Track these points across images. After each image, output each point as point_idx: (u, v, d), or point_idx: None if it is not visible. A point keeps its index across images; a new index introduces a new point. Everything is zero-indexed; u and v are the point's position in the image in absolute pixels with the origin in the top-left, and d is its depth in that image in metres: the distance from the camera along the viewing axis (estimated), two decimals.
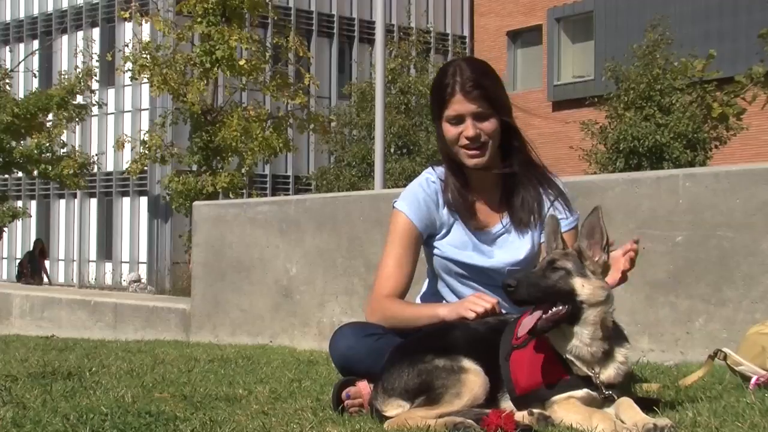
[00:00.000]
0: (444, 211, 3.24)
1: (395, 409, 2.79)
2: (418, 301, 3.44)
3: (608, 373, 2.73)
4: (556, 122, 27.25)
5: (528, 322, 2.71)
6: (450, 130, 3.18)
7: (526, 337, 2.75)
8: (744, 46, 19.60)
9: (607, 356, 2.74)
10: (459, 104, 3.14)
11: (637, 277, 4.98)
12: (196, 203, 8.17)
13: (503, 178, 3.25)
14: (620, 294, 4.81)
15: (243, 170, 20.76)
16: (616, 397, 2.71)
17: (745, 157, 21.73)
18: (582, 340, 2.71)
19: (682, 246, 4.86)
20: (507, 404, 2.77)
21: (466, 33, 34.78)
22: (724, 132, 18.92)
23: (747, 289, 4.62)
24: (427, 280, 3.43)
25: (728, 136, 19.32)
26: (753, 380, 3.39)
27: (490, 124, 3.15)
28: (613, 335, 2.77)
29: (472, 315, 2.93)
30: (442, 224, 3.24)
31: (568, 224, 3.20)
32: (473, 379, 2.74)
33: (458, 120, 3.15)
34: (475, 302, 2.97)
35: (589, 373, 2.70)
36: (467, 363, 2.77)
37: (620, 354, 2.78)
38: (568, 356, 2.72)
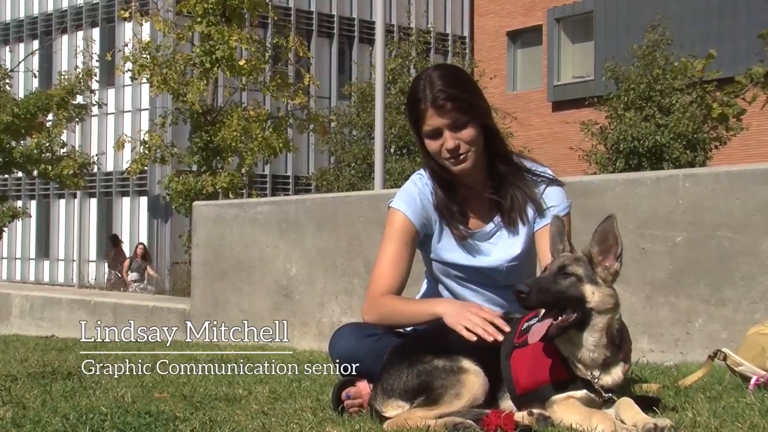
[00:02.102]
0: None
1: (394, 409, 2.79)
2: None
3: (607, 379, 2.73)
4: (556, 122, 27.25)
5: (539, 329, 2.69)
6: (430, 145, 3.18)
7: (526, 335, 2.75)
8: (744, 47, 19.60)
9: (608, 362, 2.74)
10: (432, 119, 3.13)
11: (637, 277, 4.99)
12: (195, 203, 8.17)
13: (491, 178, 3.24)
14: (620, 294, 4.82)
15: (243, 170, 20.73)
16: (616, 399, 2.71)
17: (744, 158, 21.73)
18: (587, 346, 2.71)
19: (682, 246, 4.86)
20: (507, 404, 2.77)
21: (466, 33, 34.75)
22: (724, 132, 18.91)
23: (747, 290, 4.62)
24: (426, 281, 3.43)
25: (728, 137, 19.32)
26: (753, 380, 3.39)
27: (468, 132, 3.14)
28: (617, 343, 2.77)
29: (470, 337, 2.84)
30: (436, 220, 3.24)
31: (560, 211, 3.20)
32: (473, 380, 2.74)
33: (436, 133, 3.15)
34: (475, 324, 2.87)
35: (588, 377, 2.70)
36: (467, 363, 2.77)
37: (620, 368, 2.78)
38: (570, 358, 2.72)
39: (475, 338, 2.83)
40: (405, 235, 3.21)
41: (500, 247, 3.22)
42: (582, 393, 2.69)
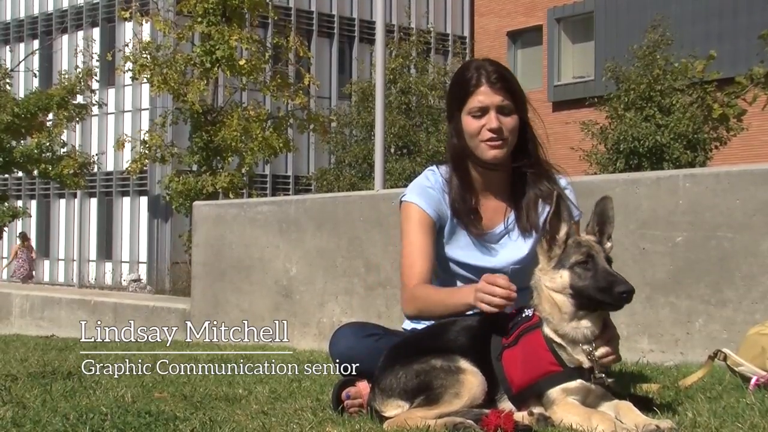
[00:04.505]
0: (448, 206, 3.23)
1: (394, 409, 2.78)
2: None
3: (602, 350, 2.74)
4: (556, 123, 27.27)
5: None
6: (472, 123, 3.14)
7: (516, 336, 2.76)
8: (744, 47, 19.61)
9: (601, 334, 2.76)
10: (484, 95, 3.12)
11: (637, 277, 4.99)
12: (196, 203, 8.17)
13: (512, 178, 3.23)
14: None
15: (243, 170, 20.75)
16: (607, 381, 2.71)
17: (745, 158, 21.73)
18: (590, 327, 2.73)
19: (682, 246, 4.86)
20: (505, 405, 2.77)
21: (467, 33, 34.77)
22: (725, 133, 18.92)
23: (747, 290, 4.62)
24: None
25: (728, 137, 19.32)
26: (753, 381, 3.39)
27: (512, 120, 3.14)
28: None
29: (484, 307, 2.81)
30: (449, 216, 3.22)
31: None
32: (471, 379, 2.74)
33: (482, 112, 3.13)
34: (491, 298, 2.81)
35: (580, 359, 2.70)
36: (464, 363, 2.76)
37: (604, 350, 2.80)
38: (563, 343, 2.72)
39: (489, 310, 2.79)
40: (424, 226, 3.18)
41: (508, 249, 3.21)
42: (576, 383, 2.70)
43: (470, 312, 3.04)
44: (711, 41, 21.30)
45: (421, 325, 3.28)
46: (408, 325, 3.35)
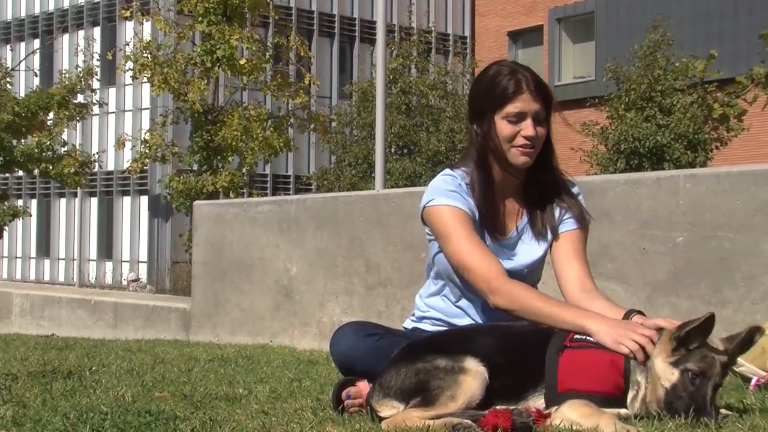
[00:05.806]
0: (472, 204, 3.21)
1: (389, 409, 2.77)
2: (417, 299, 3.41)
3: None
4: (556, 123, 27.28)
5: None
6: (507, 128, 3.11)
7: (583, 343, 2.76)
8: (745, 47, 19.61)
9: None
10: (525, 102, 3.09)
11: (637, 277, 4.99)
12: (196, 203, 8.18)
13: (525, 181, 3.22)
14: (621, 294, 4.83)
15: (243, 170, 20.75)
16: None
17: (745, 158, 21.73)
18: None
19: (683, 247, 4.86)
20: (533, 403, 2.73)
21: (467, 33, 34.78)
22: (725, 133, 18.93)
23: (747, 290, 4.62)
24: (429, 280, 3.38)
25: (729, 137, 19.33)
26: (753, 381, 3.39)
27: (543, 130, 3.13)
28: None
29: (626, 351, 2.75)
30: (476, 217, 3.19)
31: (578, 224, 3.19)
32: (470, 381, 2.71)
33: (519, 118, 3.10)
34: (631, 342, 2.74)
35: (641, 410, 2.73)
36: (469, 363, 2.74)
37: None
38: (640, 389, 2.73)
39: (627, 352, 2.75)
40: (466, 222, 3.11)
41: (522, 252, 3.20)
42: (624, 411, 2.70)
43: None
44: (711, 41, 21.30)
45: (421, 325, 3.27)
46: (409, 324, 3.34)
